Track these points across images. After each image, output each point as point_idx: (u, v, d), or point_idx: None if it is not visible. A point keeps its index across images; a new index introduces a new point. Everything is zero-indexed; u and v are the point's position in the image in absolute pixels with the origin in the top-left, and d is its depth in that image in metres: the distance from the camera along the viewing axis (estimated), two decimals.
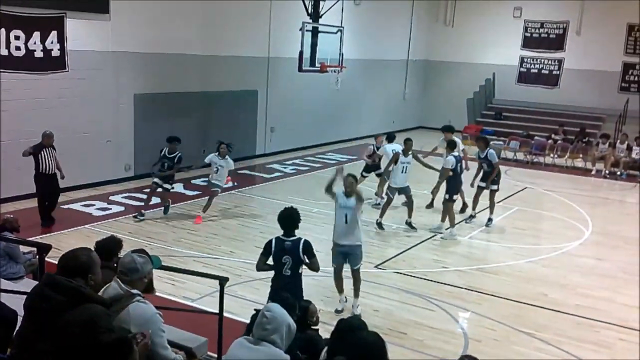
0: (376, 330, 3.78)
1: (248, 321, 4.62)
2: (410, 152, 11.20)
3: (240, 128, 16.68)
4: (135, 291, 3.56)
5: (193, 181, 13.95)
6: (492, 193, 11.70)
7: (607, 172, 17.46)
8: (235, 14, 15.69)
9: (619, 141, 18.29)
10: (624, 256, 10.41)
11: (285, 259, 6.08)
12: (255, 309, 4.21)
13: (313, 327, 5.08)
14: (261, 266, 6.31)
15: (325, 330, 5.32)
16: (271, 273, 6.35)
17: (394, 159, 11.16)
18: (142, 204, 11.36)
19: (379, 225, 11.14)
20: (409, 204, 11.36)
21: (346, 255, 7.53)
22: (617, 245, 10.99)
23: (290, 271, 6.08)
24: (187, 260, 9.10)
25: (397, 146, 12.12)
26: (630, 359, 6.85)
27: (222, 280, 5.45)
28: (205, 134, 15.50)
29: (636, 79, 21.69)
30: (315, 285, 8.42)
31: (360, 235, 7.59)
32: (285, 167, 16.51)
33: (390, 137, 12.92)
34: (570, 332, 7.38)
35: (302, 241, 6.12)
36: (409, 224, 11.26)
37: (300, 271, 6.18)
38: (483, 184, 11.73)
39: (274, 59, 17.19)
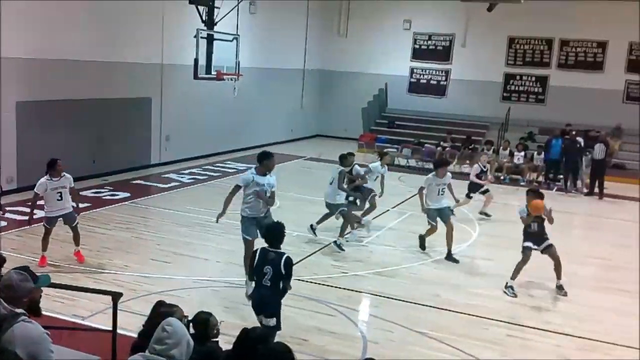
0: (277, 339, 3.77)
1: None
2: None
3: (133, 136, 16.15)
4: (19, 310, 3.33)
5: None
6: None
7: (491, 177, 18.49)
8: (127, 20, 15.19)
9: (502, 147, 19.48)
10: (510, 256, 11.03)
11: (267, 269, 6.15)
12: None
13: (213, 340, 4.98)
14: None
15: (225, 342, 5.24)
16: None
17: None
18: (27, 218, 10.66)
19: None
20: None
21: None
22: (503, 246, 11.63)
23: (270, 282, 6.14)
24: (78, 277, 8.66)
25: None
26: (518, 354, 7.27)
27: (115, 296, 5.24)
28: (96, 142, 14.86)
29: (517, 88, 23.23)
30: (216, 296, 8.30)
31: None
32: (182, 177, 16.14)
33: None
34: (462, 330, 7.72)
35: (284, 256, 6.17)
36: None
37: (279, 284, 6.18)
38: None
39: (168, 65, 16.80)
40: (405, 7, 24.08)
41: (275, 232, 6.35)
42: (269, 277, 6.13)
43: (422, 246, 10.86)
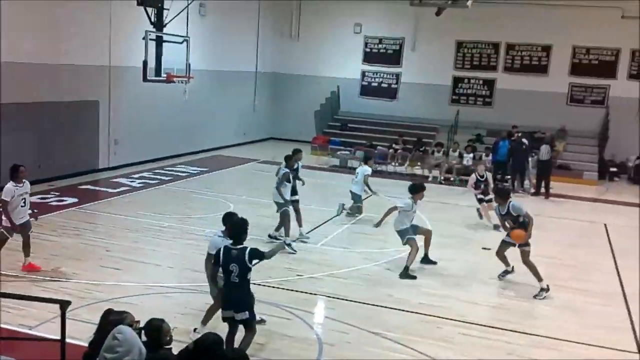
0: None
1: None
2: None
3: (80, 140, 15.75)
4: None
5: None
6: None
7: (442, 178, 18.84)
8: (72, 21, 14.79)
9: (451, 149, 19.85)
10: (462, 256, 11.27)
11: (232, 266, 6.28)
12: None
13: (166, 347, 4.89)
14: (214, 276, 6.84)
15: (179, 349, 5.15)
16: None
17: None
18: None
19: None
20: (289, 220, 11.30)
21: None
22: (456, 246, 11.86)
23: (238, 278, 6.29)
24: (25, 285, 8.38)
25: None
26: (470, 352, 7.40)
27: (63, 304, 5.09)
28: (40, 147, 14.42)
29: (465, 91, 23.71)
30: (168, 302, 8.16)
31: None
32: (132, 181, 15.81)
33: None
34: (416, 330, 7.82)
35: (248, 249, 6.30)
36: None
37: (248, 278, 6.40)
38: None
39: (116, 68, 16.44)
40: (355, 11, 24.27)
41: (238, 229, 6.47)
42: (236, 274, 6.27)
43: (430, 261, 10.56)
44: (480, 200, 13.68)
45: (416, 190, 10.34)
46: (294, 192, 11.42)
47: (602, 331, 8.16)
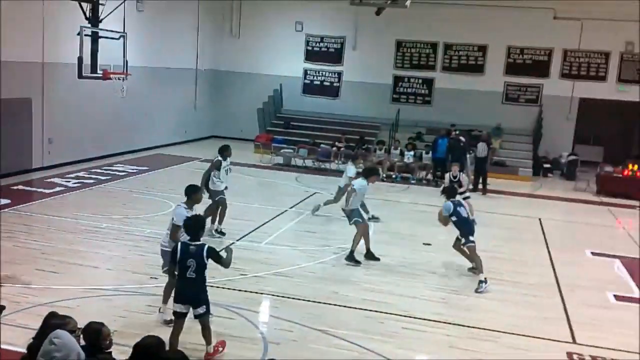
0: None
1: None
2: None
3: (12, 140, 15.10)
4: None
5: None
6: None
7: (384, 175, 19.08)
8: (2, 15, 14.16)
9: (393, 147, 20.14)
10: (403, 252, 11.45)
11: (190, 262, 6.38)
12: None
13: (106, 351, 4.76)
14: (172, 272, 6.89)
15: (120, 352, 5.03)
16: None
17: None
18: None
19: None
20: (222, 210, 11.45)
21: None
22: (397, 242, 12.04)
23: (194, 274, 6.40)
24: None
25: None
26: (413, 345, 7.53)
27: None
28: None
29: (405, 90, 24.08)
30: (108, 305, 7.95)
31: None
32: (67, 181, 15.28)
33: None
34: (360, 326, 7.89)
35: (205, 246, 6.43)
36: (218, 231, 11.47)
37: (204, 275, 6.48)
38: None
39: (49, 64, 15.86)
40: (296, 9, 24.26)
41: (195, 226, 6.56)
42: (193, 270, 6.38)
43: (373, 256, 10.69)
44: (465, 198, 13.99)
45: (371, 173, 11.01)
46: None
47: (538, 322, 8.46)
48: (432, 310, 8.62)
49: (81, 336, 4.43)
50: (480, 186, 17.85)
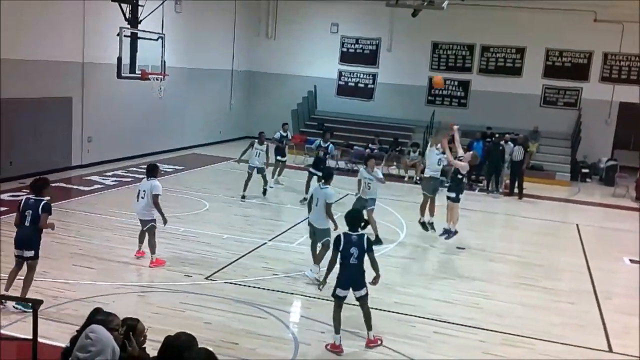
0: (207, 344, 3.71)
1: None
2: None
3: (52, 137, 15.47)
4: None
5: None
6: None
7: (417, 178, 18.92)
8: (44, 16, 14.54)
9: (427, 150, 19.94)
10: (435, 255, 11.36)
11: (353, 250, 7.11)
12: None
13: (140, 347, 4.83)
14: (335, 259, 7.41)
15: (153, 349, 5.10)
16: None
17: None
18: None
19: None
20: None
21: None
22: (428, 246, 11.94)
23: (357, 260, 7.12)
24: None
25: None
26: (444, 350, 7.46)
27: (35, 303, 5.00)
28: (12, 144, 14.14)
29: (440, 92, 23.88)
30: (142, 302, 8.08)
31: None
32: (105, 179, 15.60)
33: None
34: (390, 329, 7.85)
35: (365, 237, 7.19)
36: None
37: (363, 261, 7.18)
38: None
39: (89, 64, 16.21)
40: (332, 10, 24.30)
41: (355, 220, 7.34)
42: (355, 257, 7.08)
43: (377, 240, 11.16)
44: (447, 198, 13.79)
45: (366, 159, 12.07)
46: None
47: (573, 329, 8.29)
48: (465, 315, 8.52)
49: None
50: (516, 190, 17.59)
